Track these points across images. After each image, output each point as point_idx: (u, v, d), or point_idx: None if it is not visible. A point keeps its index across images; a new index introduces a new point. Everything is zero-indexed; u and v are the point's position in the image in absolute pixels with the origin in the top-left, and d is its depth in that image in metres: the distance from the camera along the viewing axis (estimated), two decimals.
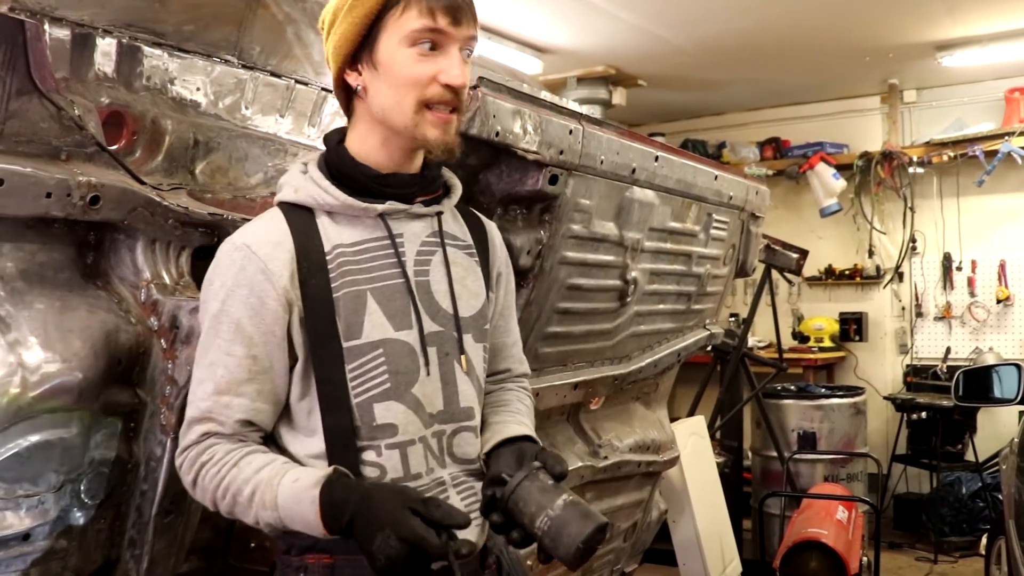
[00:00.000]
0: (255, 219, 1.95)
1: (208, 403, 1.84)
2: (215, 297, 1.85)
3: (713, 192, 3.63)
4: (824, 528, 4.93)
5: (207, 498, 1.84)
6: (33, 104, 2.06)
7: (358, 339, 1.87)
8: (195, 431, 1.84)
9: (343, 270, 1.88)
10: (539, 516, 1.77)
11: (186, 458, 1.85)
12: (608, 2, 6.10)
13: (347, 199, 1.89)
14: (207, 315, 1.87)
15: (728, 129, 9.40)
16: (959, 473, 7.28)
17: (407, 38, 1.83)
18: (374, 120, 1.92)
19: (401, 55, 1.84)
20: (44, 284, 2.15)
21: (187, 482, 1.86)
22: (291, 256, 1.85)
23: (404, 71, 1.84)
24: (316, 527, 1.74)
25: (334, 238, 1.89)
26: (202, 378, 1.86)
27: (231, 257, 1.85)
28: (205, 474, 1.82)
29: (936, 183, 8.31)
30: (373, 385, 1.88)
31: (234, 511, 1.82)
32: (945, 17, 6.55)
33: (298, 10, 2.71)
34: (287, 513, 1.76)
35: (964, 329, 8.24)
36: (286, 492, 1.77)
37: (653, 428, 4.04)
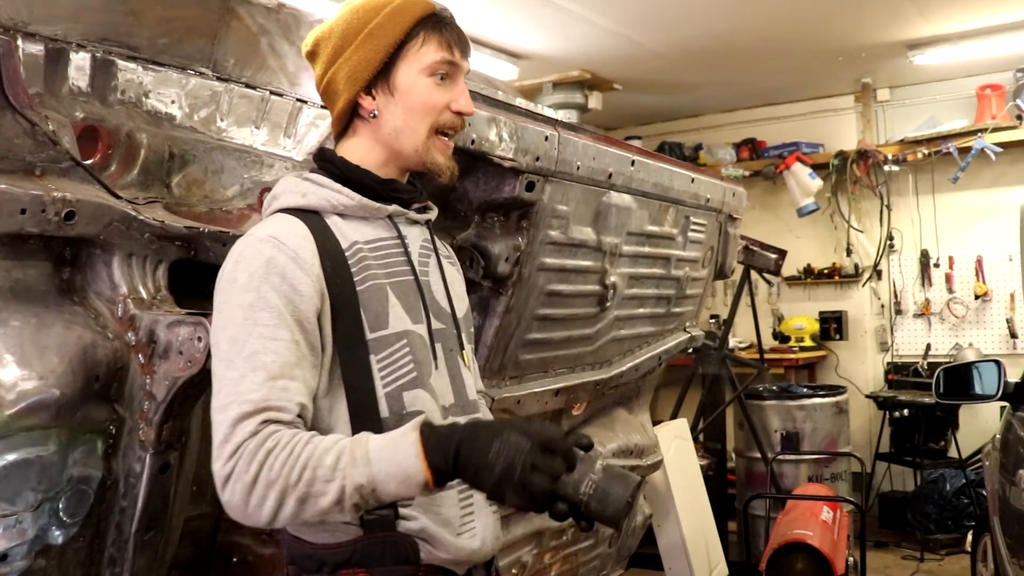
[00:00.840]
0: (265, 222, 1.94)
1: (262, 392, 1.72)
2: (245, 289, 1.79)
3: (690, 195, 3.64)
4: (809, 529, 4.94)
5: (272, 492, 1.66)
6: (6, 120, 2.05)
7: (385, 329, 1.92)
8: (249, 424, 1.70)
9: (364, 264, 1.93)
10: (583, 482, 1.79)
11: (240, 456, 1.67)
12: (582, 7, 6.11)
13: (362, 199, 1.98)
14: (236, 309, 1.79)
15: (704, 131, 9.42)
16: (943, 470, 7.29)
17: (427, 68, 1.99)
18: (380, 141, 2.03)
19: (421, 83, 1.99)
20: (20, 300, 2.13)
21: (244, 483, 1.67)
22: (316, 250, 1.87)
23: (423, 98, 2.00)
24: (417, 472, 1.68)
25: (350, 236, 1.95)
26: (243, 372, 1.74)
27: (257, 249, 1.83)
28: (272, 462, 1.66)
29: (911, 181, 8.35)
30: (402, 374, 1.92)
31: (310, 494, 1.67)
32: (916, 16, 6.58)
33: (272, 21, 2.70)
34: (383, 465, 1.68)
35: (943, 325, 8.27)
36: (378, 444, 1.71)
37: (636, 432, 4.05)
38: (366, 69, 1.99)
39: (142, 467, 2.23)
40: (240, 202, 2.62)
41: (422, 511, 1.89)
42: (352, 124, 2.06)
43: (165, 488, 2.28)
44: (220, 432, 1.71)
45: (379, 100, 2.00)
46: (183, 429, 2.29)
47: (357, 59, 1.99)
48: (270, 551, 2.65)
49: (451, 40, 2.01)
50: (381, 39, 1.98)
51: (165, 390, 2.18)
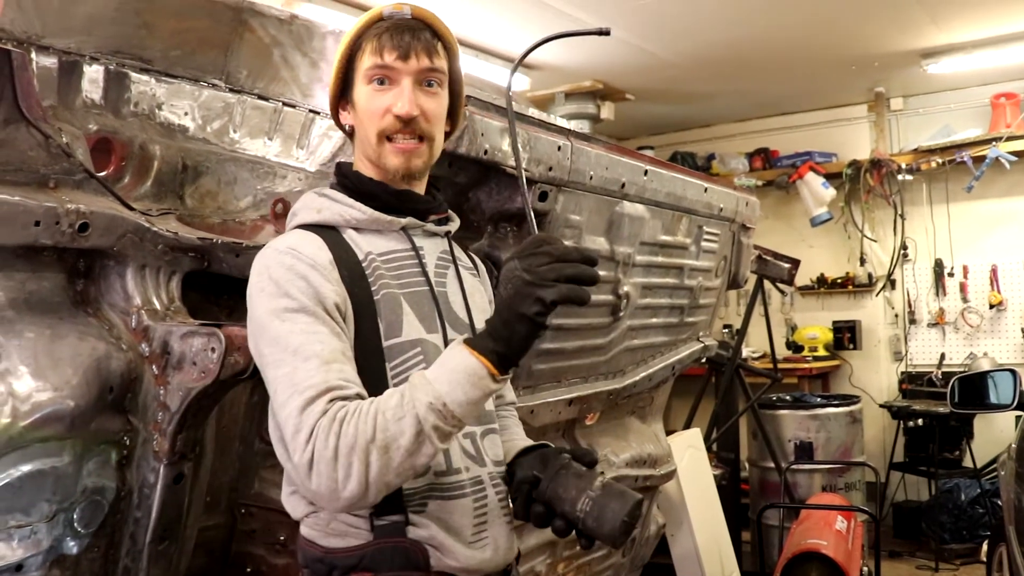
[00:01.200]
0: (281, 237, 1.97)
1: (318, 377, 1.74)
2: (275, 295, 1.83)
3: (703, 204, 3.64)
4: (823, 539, 4.92)
5: (355, 456, 1.68)
6: (21, 133, 2.06)
7: (399, 337, 1.94)
8: (315, 408, 1.71)
9: (378, 274, 1.96)
10: (580, 499, 1.83)
11: (316, 437, 1.69)
12: (594, 17, 6.11)
13: (374, 212, 2.01)
14: (271, 316, 1.81)
15: (717, 141, 9.41)
16: (957, 480, 7.25)
17: (364, 76, 2.01)
18: (361, 153, 2.08)
19: (362, 92, 2.02)
20: (34, 312, 2.14)
21: (327, 459, 1.68)
22: (333, 260, 1.91)
23: (364, 106, 2.02)
24: (476, 366, 1.74)
25: (365, 248, 1.98)
26: (295, 366, 1.75)
27: (278, 259, 1.87)
28: (347, 429, 1.69)
29: (925, 190, 8.32)
30: None
31: (388, 441, 1.69)
32: (929, 25, 6.57)
33: (284, 33, 2.71)
34: (443, 378, 1.74)
35: (958, 335, 8.24)
36: (434, 367, 1.78)
37: (649, 442, 4.04)
38: (334, 86, 2.08)
39: (156, 478, 2.24)
40: (253, 213, 2.62)
41: (432, 519, 1.90)
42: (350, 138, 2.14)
43: (179, 499, 2.29)
44: (290, 426, 1.73)
45: (351, 115, 2.08)
46: (197, 440, 2.29)
47: (332, 79, 2.08)
48: (284, 561, 2.65)
49: (386, 44, 1.98)
50: (337, 56, 2.06)
51: (179, 401, 2.19)
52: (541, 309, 1.73)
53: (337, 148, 2.62)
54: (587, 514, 1.82)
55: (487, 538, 1.99)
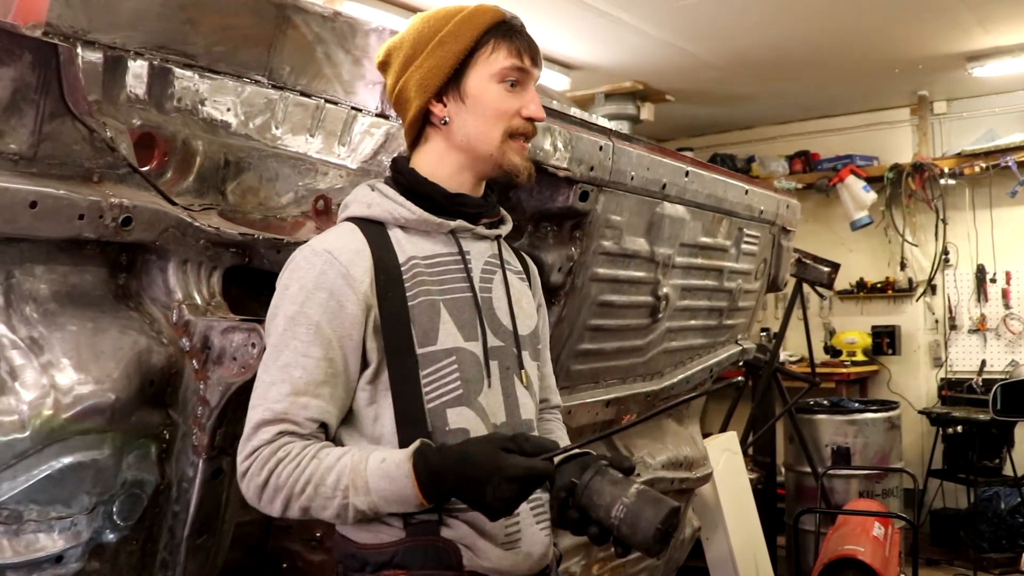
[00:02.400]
0: (328, 231, 1.99)
1: (283, 404, 1.83)
2: (292, 300, 1.88)
3: (744, 206, 3.61)
4: (860, 545, 4.88)
5: (279, 497, 1.81)
6: (66, 127, 2.08)
7: (433, 345, 1.94)
8: (267, 431, 1.82)
9: (418, 279, 1.95)
10: (615, 506, 1.81)
11: (256, 459, 1.82)
12: (635, 17, 6.10)
13: (423, 213, 2.00)
14: (281, 318, 1.88)
15: (757, 143, 9.37)
16: (997, 488, 7.18)
17: (497, 75, 2.01)
18: (454, 148, 2.04)
19: (492, 90, 2.01)
20: (76, 306, 2.15)
21: (256, 484, 1.82)
22: (370, 265, 1.92)
23: (494, 104, 2.01)
24: (413, 501, 1.79)
25: (408, 250, 1.98)
26: (274, 380, 1.85)
27: (310, 262, 1.90)
28: (281, 471, 1.80)
29: (968, 194, 8.24)
30: (447, 391, 1.94)
31: (312, 506, 1.81)
32: (976, 27, 6.50)
33: (327, 30, 2.72)
34: (381, 495, 1.79)
35: (999, 342, 8.15)
36: (376, 473, 1.80)
37: (686, 444, 4.02)
38: (436, 76, 2.01)
39: (195, 472, 2.25)
40: (294, 209, 2.63)
41: (466, 521, 1.91)
42: (424, 132, 2.08)
43: (217, 493, 2.30)
44: (246, 429, 1.86)
45: (450, 107, 2.02)
46: (236, 435, 2.29)
47: (427, 67, 2.01)
48: (320, 557, 2.65)
49: (521, 47, 2.02)
50: (451, 46, 2.00)
51: (218, 396, 2.19)
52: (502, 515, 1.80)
53: (379, 145, 2.63)
54: (621, 521, 1.81)
55: (520, 541, 1.99)
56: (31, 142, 2.02)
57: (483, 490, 1.74)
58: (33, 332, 2.07)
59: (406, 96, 2.05)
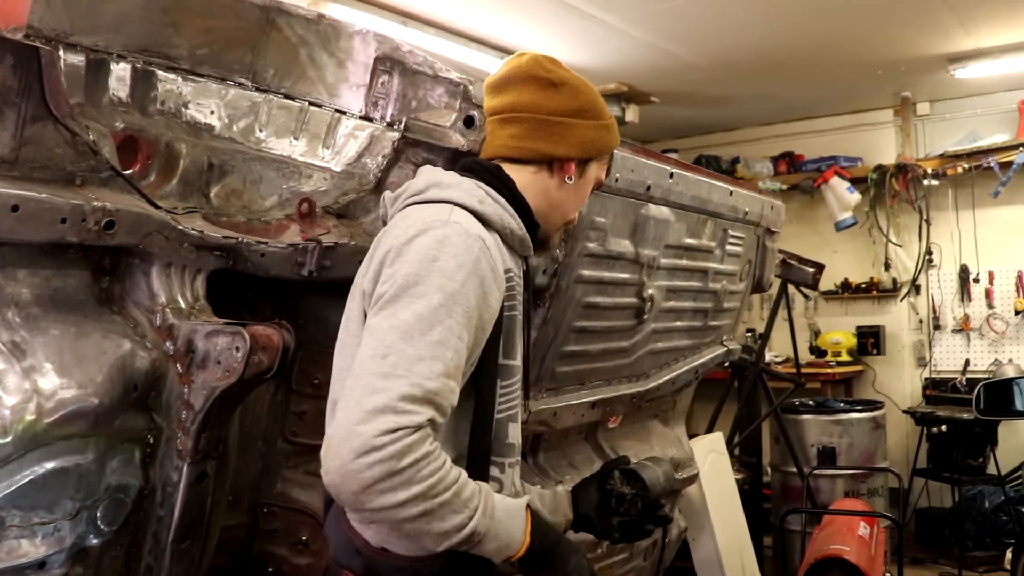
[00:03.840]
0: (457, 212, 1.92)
1: (437, 384, 1.71)
2: (450, 276, 1.78)
3: (728, 208, 3.62)
4: (846, 544, 4.88)
5: (407, 490, 1.65)
6: (48, 130, 2.06)
7: (513, 360, 2.00)
8: (418, 412, 1.68)
9: (513, 292, 1.98)
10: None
11: (402, 439, 1.64)
12: (620, 20, 6.10)
13: (525, 234, 2.07)
14: (434, 290, 1.76)
15: (741, 144, 9.39)
16: (981, 487, 7.22)
17: (597, 180, 2.27)
18: (544, 198, 2.14)
19: (590, 187, 2.25)
20: (59, 310, 2.14)
21: (386, 469, 1.63)
22: (502, 266, 1.93)
23: (583, 197, 2.24)
24: (516, 544, 1.84)
25: (506, 260, 1.99)
26: (422, 355, 1.72)
27: (466, 242, 1.84)
28: (425, 465, 1.66)
29: (951, 195, 8.28)
30: (511, 405, 2.00)
31: (435, 512, 1.69)
32: (957, 30, 6.53)
33: (311, 32, 2.71)
34: (499, 526, 1.80)
35: (983, 341, 8.19)
36: (502, 504, 1.82)
37: (672, 445, 4.02)
38: (594, 151, 2.19)
39: (179, 476, 2.24)
40: (278, 212, 2.62)
41: None
42: (537, 164, 2.13)
43: (202, 497, 2.29)
44: (379, 397, 1.67)
45: (574, 176, 2.17)
46: (220, 439, 2.29)
47: (596, 136, 2.18)
48: (305, 561, 2.65)
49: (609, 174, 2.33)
50: (612, 139, 2.23)
51: (203, 400, 2.18)
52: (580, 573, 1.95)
53: (363, 148, 2.62)
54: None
55: None
56: (12, 145, 2.01)
57: (570, 558, 1.92)
58: (15, 336, 2.06)
59: (561, 132, 2.12)
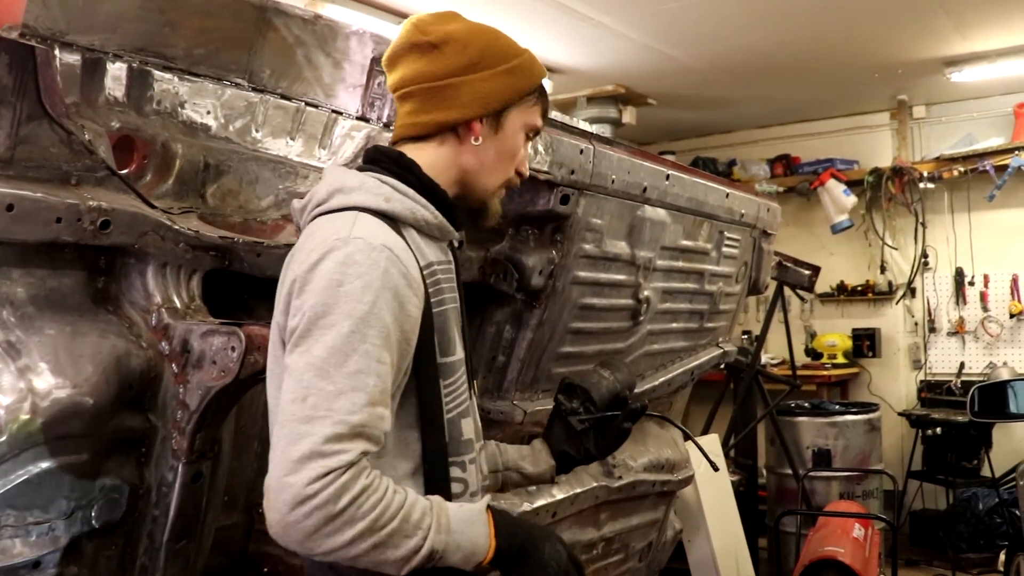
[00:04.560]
0: (361, 222, 1.80)
1: (361, 416, 1.63)
2: (356, 299, 1.68)
3: (724, 210, 3.62)
4: (841, 546, 4.89)
5: (351, 529, 1.60)
6: (43, 129, 2.06)
7: (452, 355, 1.92)
8: (348, 449, 1.61)
9: (438, 287, 1.90)
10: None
11: (334, 483, 1.58)
12: (617, 21, 6.10)
13: (443, 220, 1.94)
14: (343, 317, 1.67)
15: (738, 147, 9.40)
16: (975, 489, 7.22)
17: (528, 127, 2.05)
18: (460, 166, 2.00)
19: (518, 138, 2.04)
20: (54, 309, 2.14)
21: (327, 513, 1.58)
22: (419, 266, 1.83)
23: (512, 150, 2.04)
24: (483, 550, 1.77)
25: (427, 255, 1.90)
26: (342, 389, 1.63)
27: (371, 257, 1.72)
28: (364, 500, 1.60)
29: (947, 198, 8.29)
30: (460, 401, 1.93)
31: (387, 543, 1.63)
32: (953, 33, 6.54)
33: (308, 33, 2.71)
34: (458, 537, 1.73)
35: (978, 344, 8.20)
36: (458, 515, 1.75)
37: (667, 447, 4.02)
38: (498, 101, 1.98)
39: (174, 476, 2.23)
40: (275, 212, 2.62)
41: None
42: (441, 135, 1.98)
43: (197, 498, 2.28)
44: (304, 444, 1.60)
45: (484, 132, 1.98)
46: (216, 439, 2.29)
47: (494, 86, 1.97)
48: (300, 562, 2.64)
49: (547, 111, 2.11)
50: (520, 82, 2.01)
51: (198, 400, 2.18)
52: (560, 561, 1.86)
53: (359, 148, 2.62)
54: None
55: None
56: (8, 144, 2.01)
57: (543, 547, 1.83)
58: (10, 336, 2.05)
59: (453, 96, 1.95)
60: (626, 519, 3.80)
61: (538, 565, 1.81)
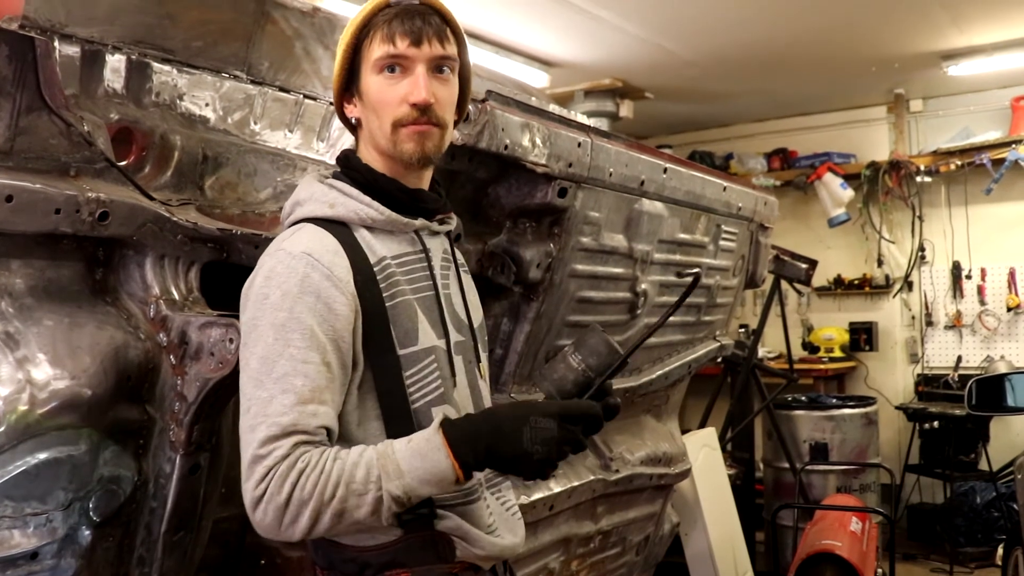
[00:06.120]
0: (295, 234, 1.89)
1: (291, 416, 1.72)
2: (276, 308, 1.78)
3: (722, 203, 3.63)
4: (838, 540, 4.90)
5: (306, 511, 1.70)
6: (43, 121, 2.07)
7: (415, 346, 1.92)
8: (280, 447, 1.71)
9: (392, 280, 1.92)
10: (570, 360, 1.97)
11: (272, 478, 1.70)
12: (614, 15, 6.10)
13: (392, 214, 1.95)
14: (267, 327, 1.78)
15: (735, 140, 9.39)
16: (973, 483, 7.23)
17: (375, 66, 1.93)
18: (371, 145, 2.01)
19: (373, 82, 1.94)
20: (53, 300, 2.14)
21: (277, 504, 1.70)
22: (349, 266, 1.86)
23: (376, 96, 1.94)
24: (448, 473, 1.74)
25: (379, 250, 1.93)
26: (272, 394, 1.74)
27: (289, 266, 1.81)
28: (304, 483, 1.69)
29: (944, 192, 8.29)
30: (430, 390, 1.93)
31: (345, 508, 1.71)
32: (950, 27, 6.54)
33: (307, 25, 2.71)
34: (415, 475, 1.73)
35: (975, 338, 8.20)
36: (406, 454, 1.75)
37: (664, 440, 4.03)
38: (337, 79, 2.01)
39: (172, 468, 2.24)
40: (273, 205, 2.62)
41: (455, 513, 1.92)
42: (357, 130, 2.06)
43: (195, 489, 2.29)
44: (249, 452, 1.74)
45: (357, 106, 2.00)
46: (213, 430, 2.29)
47: (335, 71, 2.00)
48: (298, 554, 2.65)
49: (396, 31, 1.90)
50: (342, 46, 1.98)
51: (196, 391, 2.18)
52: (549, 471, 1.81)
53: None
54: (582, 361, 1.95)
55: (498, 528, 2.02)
56: (7, 136, 2.01)
57: (520, 437, 1.75)
58: (9, 327, 2.06)
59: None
60: (623, 512, 3.81)
61: (521, 458, 1.76)
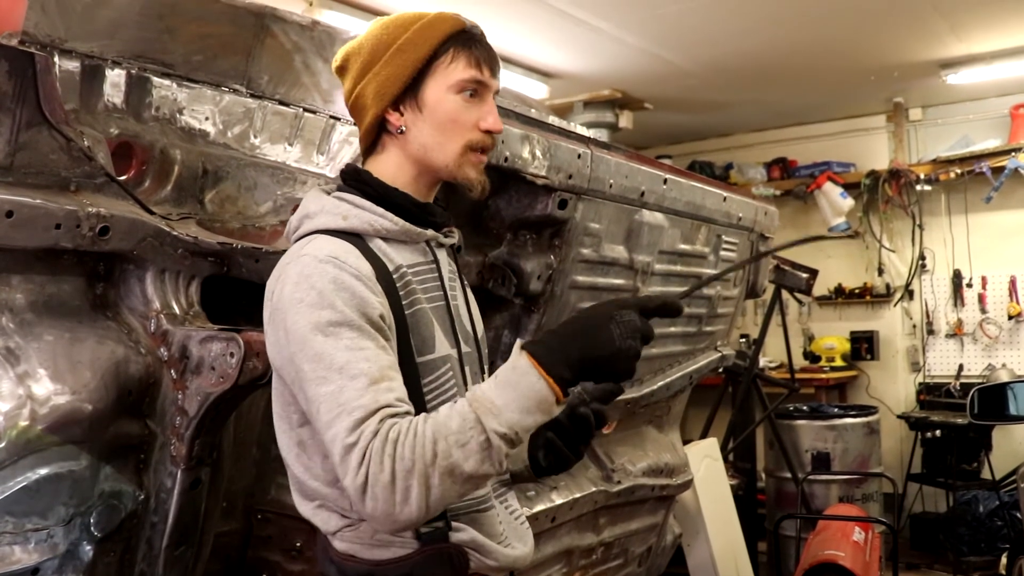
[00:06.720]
0: (312, 242, 1.87)
1: (368, 396, 1.67)
2: (318, 307, 1.74)
3: (722, 213, 3.63)
4: (841, 550, 4.88)
5: (414, 477, 1.63)
6: (43, 136, 2.07)
7: (432, 353, 1.92)
8: (369, 426, 1.65)
9: (409, 288, 1.92)
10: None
11: (369, 459, 1.63)
12: (613, 26, 6.11)
13: (406, 224, 1.96)
14: (311, 330, 1.73)
15: (735, 150, 9.40)
16: (976, 492, 7.20)
17: (455, 86, 1.96)
18: (410, 157, 2.00)
19: (449, 101, 1.96)
20: (53, 315, 2.14)
21: (384, 482, 1.63)
22: (373, 271, 1.84)
23: (451, 116, 1.96)
24: (546, 393, 1.69)
25: (395, 259, 1.92)
26: (342, 385, 1.69)
27: (319, 269, 1.78)
28: (402, 451, 1.63)
29: (944, 200, 8.29)
30: (447, 398, 1.91)
31: (453, 461, 1.64)
32: (949, 35, 6.55)
33: (306, 39, 2.71)
34: (513, 407, 1.68)
35: (976, 346, 8.20)
36: (495, 391, 1.71)
37: (666, 451, 4.02)
38: (394, 85, 1.97)
39: (173, 483, 2.24)
40: (273, 218, 2.62)
41: (469, 524, 1.91)
42: (380, 140, 2.03)
43: (196, 504, 2.29)
44: (338, 447, 1.66)
45: (407, 116, 1.98)
46: (214, 445, 2.29)
47: (385, 75, 1.97)
48: (300, 567, 2.65)
49: (480, 58, 1.98)
50: (410, 54, 1.96)
51: (197, 406, 2.18)
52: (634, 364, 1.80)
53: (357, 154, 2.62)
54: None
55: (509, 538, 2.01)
56: (7, 151, 2.02)
57: (611, 335, 1.74)
58: (9, 342, 2.06)
59: (363, 103, 2.00)
60: (625, 524, 3.80)
61: (617, 356, 1.75)
